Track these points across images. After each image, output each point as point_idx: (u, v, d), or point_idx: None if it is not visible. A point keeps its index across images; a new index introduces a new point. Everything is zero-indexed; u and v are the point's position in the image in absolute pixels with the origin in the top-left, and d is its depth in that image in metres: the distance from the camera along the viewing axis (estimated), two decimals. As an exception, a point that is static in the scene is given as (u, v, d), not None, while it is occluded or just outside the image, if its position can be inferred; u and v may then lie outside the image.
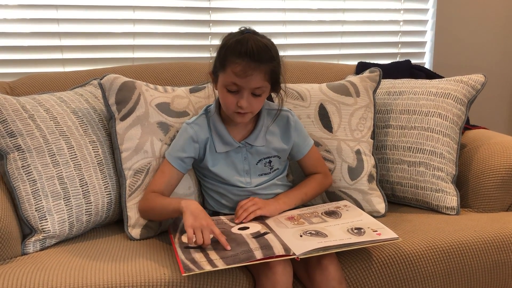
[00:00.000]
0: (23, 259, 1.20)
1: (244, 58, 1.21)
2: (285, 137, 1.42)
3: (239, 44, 1.23)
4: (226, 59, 1.24)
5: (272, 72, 1.27)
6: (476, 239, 1.32)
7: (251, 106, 1.28)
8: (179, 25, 2.04)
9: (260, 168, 1.40)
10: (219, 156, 1.37)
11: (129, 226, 1.36)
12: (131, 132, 1.41)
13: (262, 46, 1.24)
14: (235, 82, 1.24)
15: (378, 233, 1.19)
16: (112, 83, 1.42)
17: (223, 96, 1.29)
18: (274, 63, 1.27)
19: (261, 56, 1.23)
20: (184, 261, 1.08)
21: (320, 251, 1.11)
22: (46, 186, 1.28)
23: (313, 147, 1.47)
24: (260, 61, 1.22)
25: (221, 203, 1.41)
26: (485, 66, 2.47)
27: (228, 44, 1.25)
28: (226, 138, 1.36)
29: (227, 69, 1.24)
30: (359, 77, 1.66)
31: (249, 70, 1.22)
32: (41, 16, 1.87)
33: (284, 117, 1.42)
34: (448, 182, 1.56)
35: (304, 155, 1.46)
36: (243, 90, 1.25)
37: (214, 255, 1.10)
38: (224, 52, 1.25)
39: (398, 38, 2.37)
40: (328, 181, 1.49)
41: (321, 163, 1.50)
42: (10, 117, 1.29)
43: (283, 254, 1.09)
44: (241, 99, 1.26)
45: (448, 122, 1.59)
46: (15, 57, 1.86)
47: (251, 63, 1.22)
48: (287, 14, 2.18)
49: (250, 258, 1.07)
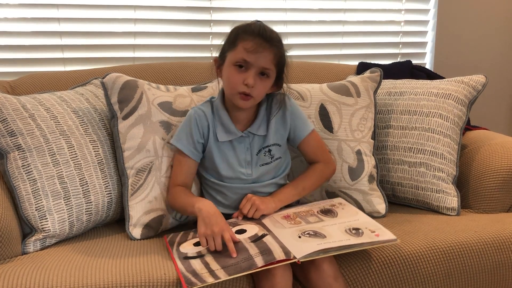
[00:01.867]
0: (23, 258, 1.20)
1: (256, 36, 1.26)
2: (282, 121, 1.41)
3: (251, 25, 1.29)
4: (238, 37, 1.28)
5: (280, 58, 1.30)
6: (476, 240, 1.32)
7: (256, 88, 1.28)
8: (180, 24, 2.04)
9: (260, 158, 1.39)
10: (222, 146, 1.37)
11: (131, 225, 1.36)
12: (134, 131, 1.41)
13: (272, 30, 1.30)
14: (245, 58, 1.26)
15: (376, 234, 1.18)
16: (114, 82, 1.42)
17: (230, 74, 1.30)
18: (282, 50, 1.31)
19: (273, 37, 1.28)
20: (185, 274, 1.07)
21: (321, 253, 1.11)
22: (46, 185, 1.28)
23: (313, 132, 1.45)
24: (271, 42, 1.27)
25: (220, 202, 1.40)
26: (486, 66, 2.47)
27: (240, 27, 1.30)
28: (228, 127, 1.36)
29: (238, 46, 1.27)
30: (359, 77, 1.65)
31: (260, 48, 1.25)
32: (42, 15, 1.87)
33: (281, 101, 1.41)
34: (449, 183, 1.56)
35: (303, 140, 1.43)
36: (252, 68, 1.27)
37: (214, 265, 1.09)
38: (236, 32, 1.30)
39: (399, 38, 2.37)
40: (329, 169, 1.47)
41: (322, 150, 1.47)
42: (11, 116, 1.29)
43: (283, 258, 1.08)
44: (249, 77, 1.27)
45: (448, 123, 1.59)
46: (16, 56, 1.86)
47: (263, 42, 1.26)
48: (288, 14, 2.18)
49: (252, 266, 1.07)
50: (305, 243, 1.15)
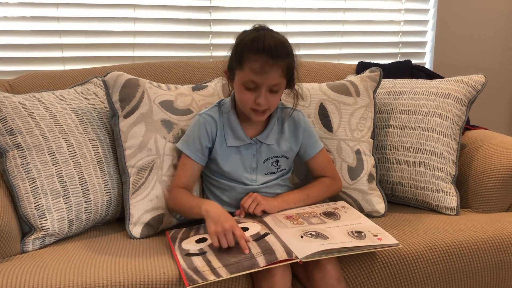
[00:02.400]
0: (22, 257, 1.20)
1: (261, 55, 1.22)
2: (294, 138, 1.43)
3: (255, 41, 1.24)
4: (243, 56, 1.25)
5: (289, 68, 1.29)
6: (475, 239, 1.32)
7: (269, 103, 1.29)
8: (179, 24, 2.04)
9: (266, 167, 1.40)
10: (229, 150, 1.38)
11: (131, 224, 1.36)
12: (135, 130, 1.41)
13: (278, 42, 1.25)
14: (253, 80, 1.25)
15: (378, 238, 1.18)
16: (116, 80, 1.42)
17: (240, 94, 1.30)
18: (290, 59, 1.29)
19: (278, 52, 1.24)
20: (187, 271, 1.07)
21: (323, 254, 1.10)
22: (45, 184, 1.28)
23: (322, 150, 1.47)
24: (278, 57, 1.24)
25: (222, 200, 1.40)
26: (486, 66, 2.47)
27: (244, 41, 1.26)
28: (238, 133, 1.37)
29: (245, 66, 1.25)
30: (359, 77, 1.65)
31: (267, 67, 1.23)
32: (42, 14, 1.86)
33: (295, 117, 1.43)
34: (448, 182, 1.56)
35: (312, 157, 1.45)
36: (261, 87, 1.26)
37: (216, 263, 1.09)
38: (241, 49, 1.26)
39: (398, 38, 2.37)
40: (336, 185, 1.47)
41: (330, 168, 1.49)
42: (10, 115, 1.28)
43: (285, 258, 1.08)
44: (259, 97, 1.27)
45: (448, 122, 1.59)
46: (15, 55, 1.86)
47: (269, 60, 1.23)
48: (287, 13, 2.18)
49: (254, 265, 1.06)
50: (307, 244, 1.14)
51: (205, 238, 1.22)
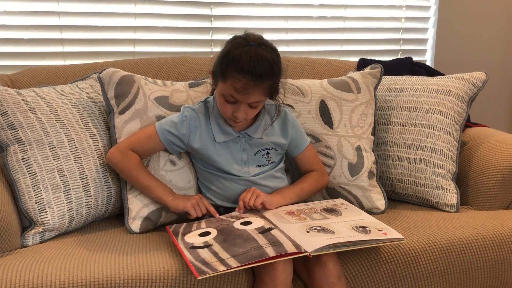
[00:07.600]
0: (23, 251, 1.20)
1: (245, 75, 1.21)
2: (284, 132, 1.43)
3: (241, 59, 1.21)
4: (227, 71, 1.23)
5: (272, 88, 1.28)
6: (475, 236, 1.32)
7: (247, 115, 1.30)
8: (180, 19, 2.04)
9: (258, 159, 1.41)
10: (219, 146, 1.38)
11: (130, 218, 1.36)
12: (130, 126, 1.41)
13: (265, 63, 1.22)
14: (233, 95, 1.25)
15: (383, 232, 1.18)
16: (111, 77, 1.42)
17: (220, 103, 1.31)
18: (275, 79, 1.27)
19: (263, 74, 1.22)
20: (195, 263, 1.05)
21: (331, 248, 1.10)
22: (46, 178, 1.28)
23: (309, 145, 1.48)
24: (262, 79, 1.22)
25: (219, 194, 1.40)
26: (487, 63, 2.46)
27: (231, 55, 1.23)
28: (225, 128, 1.37)
29: (227, 82, 1.24)
30: (360, 73, 1.65)
31: (249, 88, 1.22)
32: (42, 9, 1.86)
33: (282, 112, 1.44)
34: (448, 180, 1.56)
35: (301, 152, 1.47)
36: (240, 103, 1.27)
37: (224, 254, 1.08)
38: (227, 62, 1.24)
39: (399, 35, 2.37)
40: (324, 179, 1.49)
41: (317, 162, 1.50)
42: (11, 110, 1.28)
43: (295, 251, 1.08)
44: (238, 111, 1.28)
45: (449, 120, 1.59)
46: (16, 50, 1.86)
47: (252, 81, 1.22)
48: (288, 9, 2.17)
49: (263, 255, 1.05)
50: (315, 238, 1.14)
51: (208, 231, 1.21)
